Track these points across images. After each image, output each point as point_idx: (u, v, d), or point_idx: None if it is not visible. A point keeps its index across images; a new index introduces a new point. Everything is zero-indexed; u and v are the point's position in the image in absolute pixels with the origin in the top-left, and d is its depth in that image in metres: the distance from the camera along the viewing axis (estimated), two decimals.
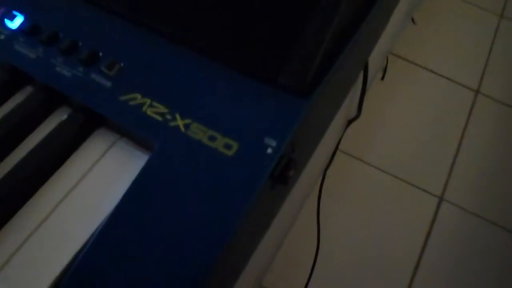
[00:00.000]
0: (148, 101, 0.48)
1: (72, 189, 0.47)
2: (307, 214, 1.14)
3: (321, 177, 0.99)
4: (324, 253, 1.15)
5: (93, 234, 0.44)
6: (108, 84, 0.50)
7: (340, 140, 0.94)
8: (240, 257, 0.50)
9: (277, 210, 0.54)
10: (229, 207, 0.43)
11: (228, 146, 0.46)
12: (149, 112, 0.48)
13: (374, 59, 0.90)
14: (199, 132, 0.46)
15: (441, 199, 1.31)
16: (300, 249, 1.14)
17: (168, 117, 0.47)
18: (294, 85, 0.47)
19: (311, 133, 0.53)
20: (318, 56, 0.48)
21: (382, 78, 1.45)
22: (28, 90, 0.53)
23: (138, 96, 0.49)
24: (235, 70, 0.49)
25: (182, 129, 0.47)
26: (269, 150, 0.45)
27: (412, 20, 1.54)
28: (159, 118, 0.47)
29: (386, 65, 1.45)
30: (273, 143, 0.45)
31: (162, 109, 0.48)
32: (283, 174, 0.46)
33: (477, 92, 1.50)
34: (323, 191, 1.04)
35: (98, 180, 0.47)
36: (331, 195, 1.21)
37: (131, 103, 0.48)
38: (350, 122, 0.86)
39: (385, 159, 1.33)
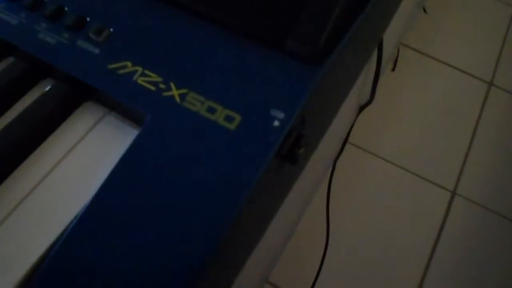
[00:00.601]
0: (140, 69, 0.42)
1: (55, 167, 0.41)
2: (315, 207, 1.08)
3: (330, 168, 0.93)
4: (333, 248, 1.09)
5: (75, 217, 0.37)
6: (95, 51, 0.43)
7: (351, 128, 0.87)
8: (243, 246, 0.43)
9: (285, 194, 0.48)
10: (230, 188, 0.36)
11: (229, 119, 0.39)
12: (140, 81, 0.41)
13: (386, 46, 0.83)
14: (196, 103, 0.40)
15: (454, 193, 1.25)
16: (308, 243, 1.08)
17: (162, 86, 0.41)
18: (304, 51, 0.41)
19: (323, 108, 0.47)
20: (332, 19, 0.41)
21: (393, 69, 1.38)
22: (10, 60, 0.47)
23: (129, 64, 0.42)
24: (237, 34, 0.43)
25: (178, 99, 0.40)
26: (276, 123, 0.39)
27: (424, 9, 1.47)
28: (151, 87, 0.41)
29: (397, 56, 1.38)
30: (281, 115, 0.39)
31: (155, 78, 0.41)
32: (292, 151, 0.39)
33: (490, 84, 1.43)
34: (332, 183, 0.97)
35: (84, 158, 0.41)
36: (340, 188, 1.14)
37: (121, 71, 0.42)
38: (362, 108, 0.80)
39: (396, 151, 1.26)
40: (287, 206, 0.54)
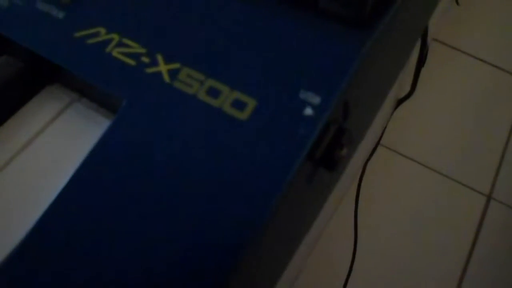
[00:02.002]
0: (116, 37, 0.29)
1: (6, 166, 0.28)
2: (342, 209, 0.94)
3: (360, 170, 0.79)
4: (363, 253, 0.95)
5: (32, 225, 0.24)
6: (59, 15, 0.30)
7: (387, 123, 0.73)
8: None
9: (316, 211, 0.34)
10: (238, 210, 0.23)
11: (239, 105, 0.26)
12: (116, 53, 0.28)
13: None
14: (192, 83, 0.26)
15: (489, 197, 1.10)
16: (335, 249, 0.94)
17: (145, 60, 0.28)
18: (348, 10, 0.27)
19: (370, 93, 0.33)
20: None
21: (423, 64, 1.23)
22: None
23: (102, 30, 0.29)
24: None
25: (166, 78, 0.27)
26: (308, 111, 0.25)
27: (456, 1, 1.32)
28: (131, 62, 0.28)
29: (427, 50, 1.23)
30: (315, 100, 0.25)
31: (136, 48, 0.28)
32: (331, 153, 0.26)
33: None
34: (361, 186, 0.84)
35: (42, 156, 0.28)
36: (369, 190, 1.00)
37: (91, 41, 0.29)
38: (400, 101, 0.66)
39: (426, 152, 1.12)
40: (319, 218, 0.40)
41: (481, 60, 1.29)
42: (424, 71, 1.31)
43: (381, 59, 0.32)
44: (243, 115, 0.25)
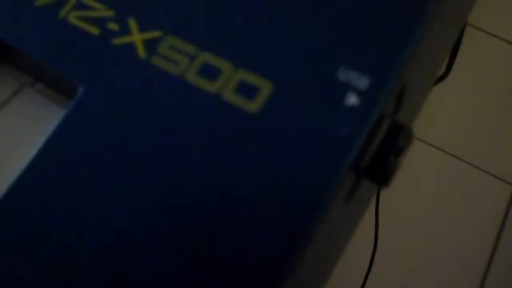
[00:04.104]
0: None
1: None
2: None
3: None
4: (383, 248, 0.87)
5: None
6: None
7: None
8: None
9: (353, 228, 0.24)
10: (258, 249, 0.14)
11: (247, 91, 0.16)
12: (73, 18, 0.19)
13: None
14: (178, 58, 0.17)
15: None
16: (355, 244, 0.86)
17: (113, 27, 0.18)
18: None
19: (424, 74, 0.23)
20: None
21: (459, 46, 1.12)
22: None
23: None
24: None
25: (141, 52, 0.18)
26: (352, 100, 0.16)
27: None
28: (93, 30, 0.19)
29: (462, 35, 1.12)
30: (363, 82, 0.16)
31: (101, 10, 0.19)
32: (385, 159, 0.16)
33: None
34: None
35: None
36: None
37: (40, 2, 0.20)
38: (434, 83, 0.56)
39: (450, 139, 1.02)
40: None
41: None
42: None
43: (440, 32, 0.22)
44: (253, 106, 0.16)
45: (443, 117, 1.10)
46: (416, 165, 1.01)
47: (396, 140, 0.17)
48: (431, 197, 0.99)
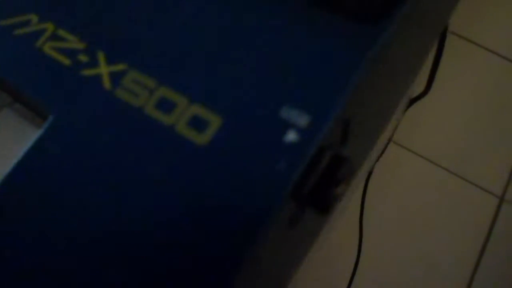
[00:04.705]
0: (50, 27, 0.21)
1: None
2: (348, 211, 0.86)
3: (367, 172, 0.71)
4: (367, 257, 0.88)
5: None
6: None
7: (398, 123, 0.65)
8: None
9: (306, 249, 0.26)
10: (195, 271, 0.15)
11: (198, 124, 0.18)
12: (48, 48, 0.21)
13: None
14: (139, 91, 0.19)
15: (501, 199, 1.01)
16: (339, 251, 0.87)
17: (83, 58, 0.20)
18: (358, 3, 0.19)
19: (378, 104, 0.24)
20: None
21: (439, 62, 1.14)
22: None
23: (34, 18, 0.21)
24: None
25: (107, 83, 0.19)
26: (292, 137, 0.17)
27: None
28: (65, 60, 0.20)
29: (442, 49, 1.13)
30: (303, 120, 0.17)
31: (74, 42, 0.20)
32: (323, 190, 0.18)
33: None
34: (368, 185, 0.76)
35: None
36: (376, 188, 0.93)
37: (20, 31, 0.21)
38: (412, 101, 0.57)
39: (438, 150, 1.04)
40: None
41: (496, 53, 1.19)
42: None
43: (393, 62, 0.24)
44: (202, 138, 0.18)
45: (432, 128, 1.11)
46: (404, 174, 1.03)
47: (337, 172, 0.19)
48: (416, 205, 1.00)
